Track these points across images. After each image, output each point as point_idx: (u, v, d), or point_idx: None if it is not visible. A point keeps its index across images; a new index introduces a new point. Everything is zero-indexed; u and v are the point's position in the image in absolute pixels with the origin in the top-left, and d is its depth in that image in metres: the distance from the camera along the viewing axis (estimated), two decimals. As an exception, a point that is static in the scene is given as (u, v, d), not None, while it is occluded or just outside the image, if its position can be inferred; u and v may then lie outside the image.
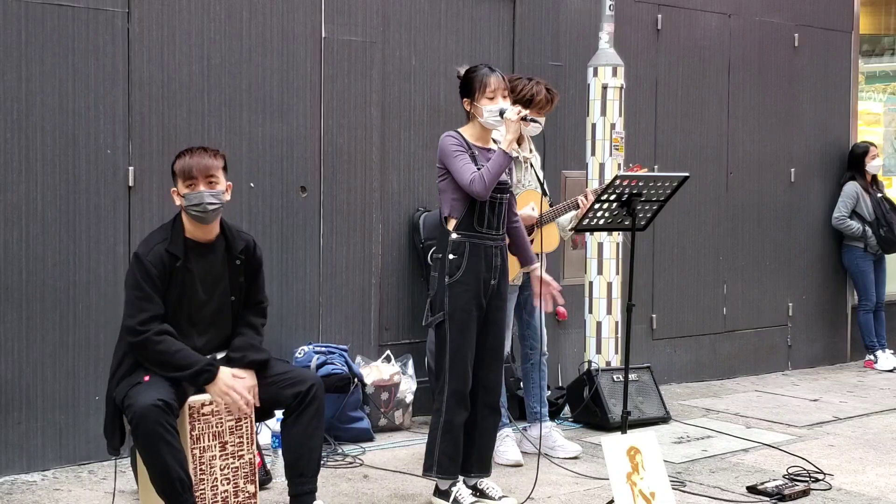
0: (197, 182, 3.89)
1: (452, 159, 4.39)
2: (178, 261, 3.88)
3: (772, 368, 8.23)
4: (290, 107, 5.75)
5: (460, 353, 4.40)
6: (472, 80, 4.47)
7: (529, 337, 5.48)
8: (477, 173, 4.33)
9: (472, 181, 4.32)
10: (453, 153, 4.39)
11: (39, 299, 4.96)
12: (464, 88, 4.50)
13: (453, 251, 4.41)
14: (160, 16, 5.29)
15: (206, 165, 3.91)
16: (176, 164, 3.94)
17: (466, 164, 4.36)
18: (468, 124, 4.53)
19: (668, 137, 7.52)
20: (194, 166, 3.89)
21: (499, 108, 4.40)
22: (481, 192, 4.33)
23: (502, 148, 4.34)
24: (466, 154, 4.40)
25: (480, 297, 4.44)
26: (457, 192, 4.41)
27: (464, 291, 4.39)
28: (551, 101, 5.29)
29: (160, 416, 3.61)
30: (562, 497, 4.76)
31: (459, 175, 4.36)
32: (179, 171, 3.91)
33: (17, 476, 4.87)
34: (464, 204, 4.41)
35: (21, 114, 4.91)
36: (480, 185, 4.31)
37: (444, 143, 4.44)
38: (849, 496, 4.84)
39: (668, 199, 4.56)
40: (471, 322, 4.42)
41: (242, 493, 3.95)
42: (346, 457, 5.31)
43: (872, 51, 9.47)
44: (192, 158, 3.91)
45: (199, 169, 3.89)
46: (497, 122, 4.43)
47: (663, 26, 7.47)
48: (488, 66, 4.50)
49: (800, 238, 8.41)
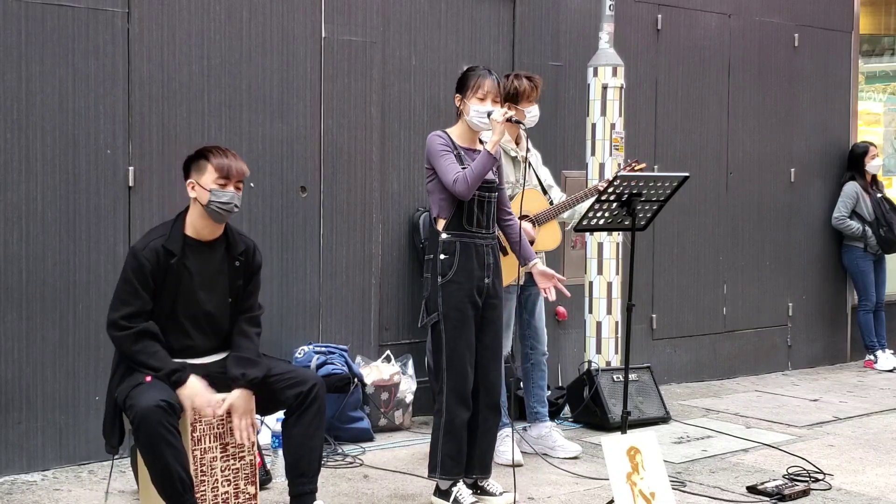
0: (230, 183, 3.94)
1: (438, 158, 4.42)
2: (173, 257, 3.87)
3: (772, 368, 8.23)
4: (290, 107, 5.75)
5: (457, 352, 4.41)
6: (467, 77, 4.50)
7: (530, 337, 5.48)
8: (461, 173, 4.35)
9: (455, 181, 4.34)
10: (439, 152, 4.43)
11: (39, 299, 4.96)
12: (459, 84, 4.54)
13: (444, 251, 4.42)
14: (160, 16, 5.29)
15: (241, 170, 3.99)
16: (210, 158, 3.94)
17: (451, 164, 4.39)
18: (456, 123, 4.57)
19: (668, 137, 7.52)
20: (234, 167, 3.96)
21: (486, 110, 4.42)
22: (464, 192, 4.35)
23: (487, 149, 4.36)
24: (452, 154, 4.43)
25: (475, 296, 4.44)
26: (444, 191, 4.44)
27: (457, 290, 4.40)
28: (535, 87, 5.30)
29: (162, 416, 3.61)
30: (562, 497, 4.76)
31: (444, 175, 4.39)
32: (216, 167, 3.92)
33: (17, 476, 4.87)
34: (451, 203, 4.43)
35: (21, 114, 4.91)
36: (463, 185, 4.33)
37: (430, 143, 4.48)
38: (849, 496, 4.84)
39: (668, 199, 4.56)
40: (466, 321, 4.42)
41: (243, 495, 3.95)
42: (346, 457, 5.31)
43: (872, 51, 9.47)
44: (229, 160, 3.96)
45: (237, 171, 3.97)
46: (483, 123, 4.45)
47: (663, 26, 7.47)
48: (488, 70, 4.52)
49: (800, 238, 8.41)
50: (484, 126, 4.47)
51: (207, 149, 4.01)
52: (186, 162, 4.03)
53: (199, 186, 3.92)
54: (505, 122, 4.38)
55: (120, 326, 3.80)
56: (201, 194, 3.91)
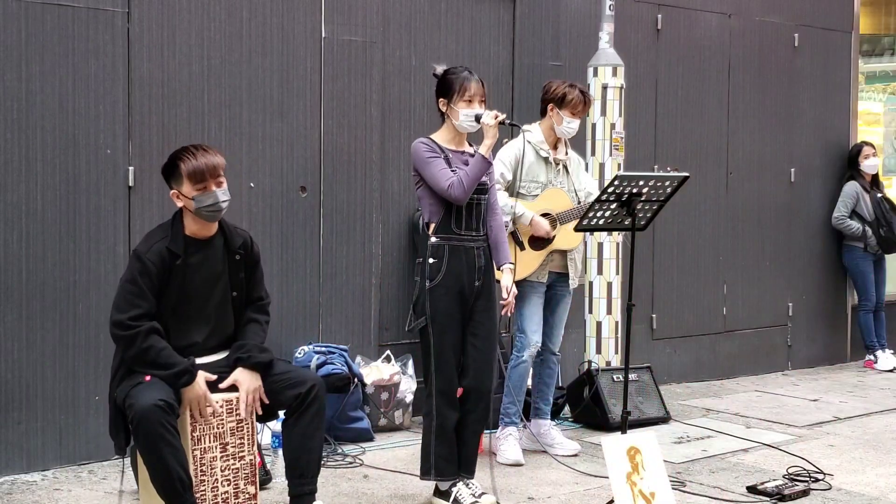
0: (208, 183, 3.86)
1: (427, 166, 4.38)
2: (177, 258, 3.87)
3: (772, 368, 8.23)
4: (290, 107, 5.75)
5: (444, 355, 4.41)
6: (451, 81, 4.46)
7: (545, 334, 5.44)
8: (455, 178, 4.32)
9: (450, 186, 4.32)
10: (427, 159, 4.39)
11: (39, 299, 4.96)
12: (441, 88, 4.49)
13: (433, 255, 4.40)
14: (160, 16, 5.29)
15: (213, 165, 3.87)
16: (181, 167, 3.86)
17: (443, 170, 4.36)
18: (441, 127, 4.53)
19: (668, 137, 7.52)
20: (204, 168, 3.85)
21: (475, 113, 4.40)
22: (460, 197, 4.34)
23: (481, 153, 4.34)
24: (440, 158, 4.40)
25: (464, 299, 4.44)
26: (432, 196, 4.41)
27: (444, 294, 4.39)
28: (585, 102, 5.32)
29: (161, 416, 3.61)
30: (562, 497, 4.76)
31: (436, 181, 4.35)
32: (188, 175, 3.84)
33: (17, 476, 4.87)
34: (440, 207, 4.42)
35: (21, 114, 4.91)
36: (459, 190, 4.32)
37: (416, 150, 4.44)
38: (849, 496, 4.84)
39: (668, 199, 4.56)
40: (453, 324, 4.42)
41: (243, 495, 3.95)
42: (346, 457, 5.31)
43: (872, 51, 9.46)
44: (197, 160, 3.86)
45: (209, 170, 3.86)
46: (471, 126, 4.43)
47: (663, 26, 7.46)
48: (468, 70, 4.49)
49: (800, 238, 8.41)
50: (472, 129, 4.45)
51: (177, 155, 3.91)
52: (163, 171, 3.96)
53: (181, 196, 3.89)
54: (497, 125, 4.37)
55: (126, 326, 3.78)
56: (186, 203, 3.89)
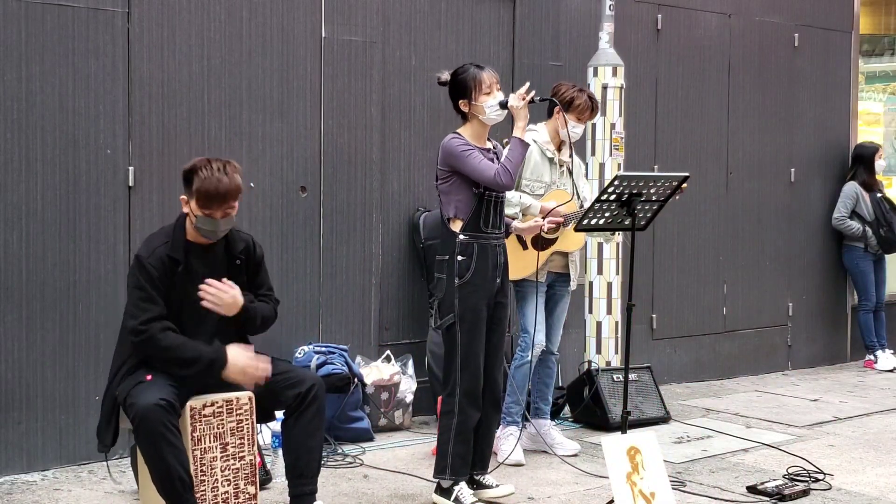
0: (214, 211, 3.82)
1: (466, 159, 4.35)
2: (178, 265, 3.87)
3: (772, 368, 8.22)
4: (290, 107, 5.75)
5: (472, 353, 4.40)
6: (464, 80, 4.44)
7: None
8: (500, 166, 4.32)
9: (497, 174, 4.30)
10: (464, 153, 4.36)
11: (39, 299, 4.96)
12: (457, 90, 4.47)
13: (461, 252, 4.39)
14: (160, 16, 5.29)
15: (225, 193, 3.78)
16: (195, 182, 3.80)
17: (483, 161, 4.35)
18: (465, 125, 4.51)
19: (668, 137, 7.52)
20: (215, 195, 3.77)
21: (498, 100, 4.40)
22: (508, 184, 4.33)
23: (517, 136, 4.35)
24: (476, 150, 4.39)
25: (489, 297, 4.45)
26: (461, 192, 4.40)
27: (473, 292, 4.39)
28: (592, 109, 5.32)
29: (162, 415, 3.62)
30: (562, 497, 4.76)
31: (479, 172, 4.33)
32: (198, 194, 3.78)
33: (17, 476, 4.87)
34: (469, 205, 4.40)
35: (21, 114, 4.91)
36: (507, 177, 4.31)
37: (450, 145, 4.40)
38: (849, 496, 4.84)
39: (668, 199, 4.56)
40: (480, 322, 4.42)
41: (243, 495, 3.95)
42: (346, 457, 5.31)
43: (872, 51, 9.46)
44: (212, 182, 3.76)
45: (219, 198, 3.77)
46: (499, 115, 4.42)
47: (663, 26, 7.46)
48: (475, 65, 4.49)
49: (800, 238, 8.41)
50: (500, 118, 4.44)
51: (197, 166, 3.83)
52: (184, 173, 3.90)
53: (188, 205, 3.87)
54: (527, 105, 4.36)
55: (139, 332, 3.79)
56: (190, 215, 3.89)
